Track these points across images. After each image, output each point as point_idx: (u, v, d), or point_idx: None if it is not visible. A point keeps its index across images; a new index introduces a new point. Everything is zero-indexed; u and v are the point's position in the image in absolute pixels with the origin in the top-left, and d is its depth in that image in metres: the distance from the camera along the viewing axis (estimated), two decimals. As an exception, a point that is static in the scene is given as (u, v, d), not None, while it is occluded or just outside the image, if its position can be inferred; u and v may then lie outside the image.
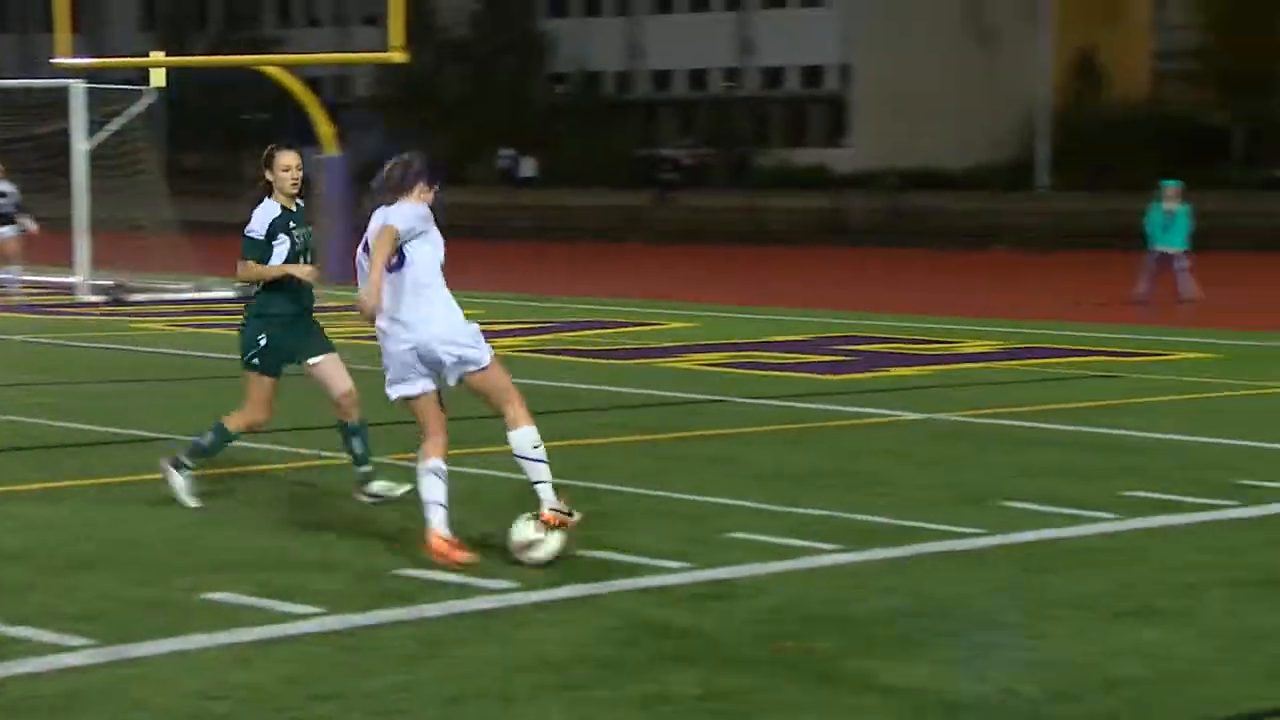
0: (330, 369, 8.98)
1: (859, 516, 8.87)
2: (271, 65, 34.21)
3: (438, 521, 7.69)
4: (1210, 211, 33.51)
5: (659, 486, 9.69)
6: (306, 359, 8.98)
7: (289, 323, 8.88)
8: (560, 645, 6.45)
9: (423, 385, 7.78)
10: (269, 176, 8.86)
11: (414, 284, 7.68)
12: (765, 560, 7.85)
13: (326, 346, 9.03)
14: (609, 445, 11.39)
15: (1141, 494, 9.47)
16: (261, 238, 8.80)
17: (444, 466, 7.77)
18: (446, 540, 7.66)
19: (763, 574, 7.63)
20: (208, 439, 9.06)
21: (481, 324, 8.17)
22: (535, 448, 7.77)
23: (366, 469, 9.07)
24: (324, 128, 30.88)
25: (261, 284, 8.87)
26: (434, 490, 7.73)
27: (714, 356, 17.05)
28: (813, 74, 68.46)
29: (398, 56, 29.44)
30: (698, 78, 70.80)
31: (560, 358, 17.10)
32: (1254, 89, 59.19)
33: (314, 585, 7.37)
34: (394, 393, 7.84)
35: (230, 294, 26.31)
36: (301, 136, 22.74)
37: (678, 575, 7.59)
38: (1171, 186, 24.48)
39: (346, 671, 6.12)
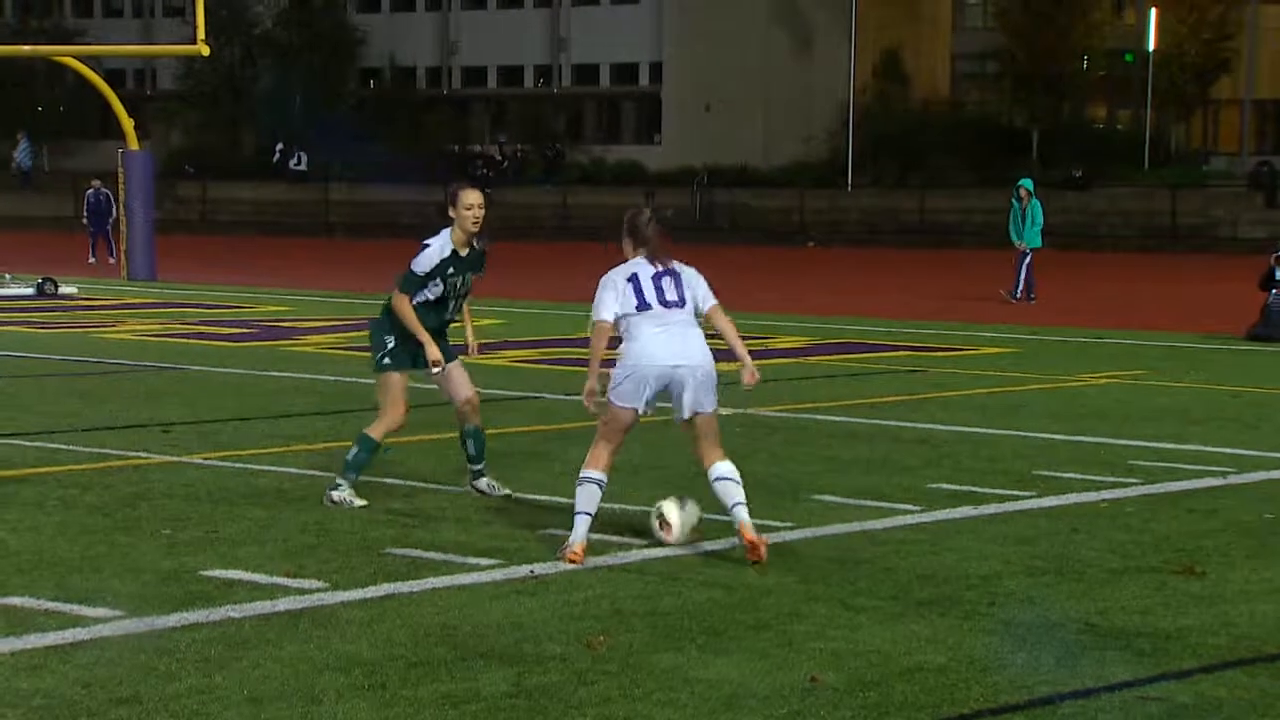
0: (455, 378, 9.12)
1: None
2: (70, 56, 33.37)
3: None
4: (1008, 210, 34.32)
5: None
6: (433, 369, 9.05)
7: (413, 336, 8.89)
8: (370, 644, 6.39)
9: (645, 403, 8.09)
10: (451, 214, 8.92)
11: (691, 320, 8.12)
12: (577, 556, 7.86)
13: (452, 356, 9.14)
14: (420, 443, 11.32)
15: (945, 486, 9.68)
16: (421, 275, 8.85)
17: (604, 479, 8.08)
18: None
19: (575, 570, 7.64)
20: (353, 453, 9.06)
21: (282, 322, 8.05)
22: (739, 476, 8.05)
23: (478, 467, 9.34)
24: (125, 121, 30.17)
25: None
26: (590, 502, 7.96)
27: (526, 353, 17.04)
28: (626, 71, 68.82)
29: (202, 50, 28.91)
30: (511, 74, 70.76)
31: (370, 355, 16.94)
32: (1048, 91, 60.92)
33: (115, 588, 7.20)
34: (622, 400, 8.08)
35: (29, 291, 25.54)
36: (104, 129, 22.19)
37: (490, 572, 7.57)
38: (1024, 186, 25.17)
39: (146, 675, 5.99)
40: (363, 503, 8.97)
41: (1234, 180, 53.40)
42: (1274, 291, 18.94)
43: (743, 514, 7.91)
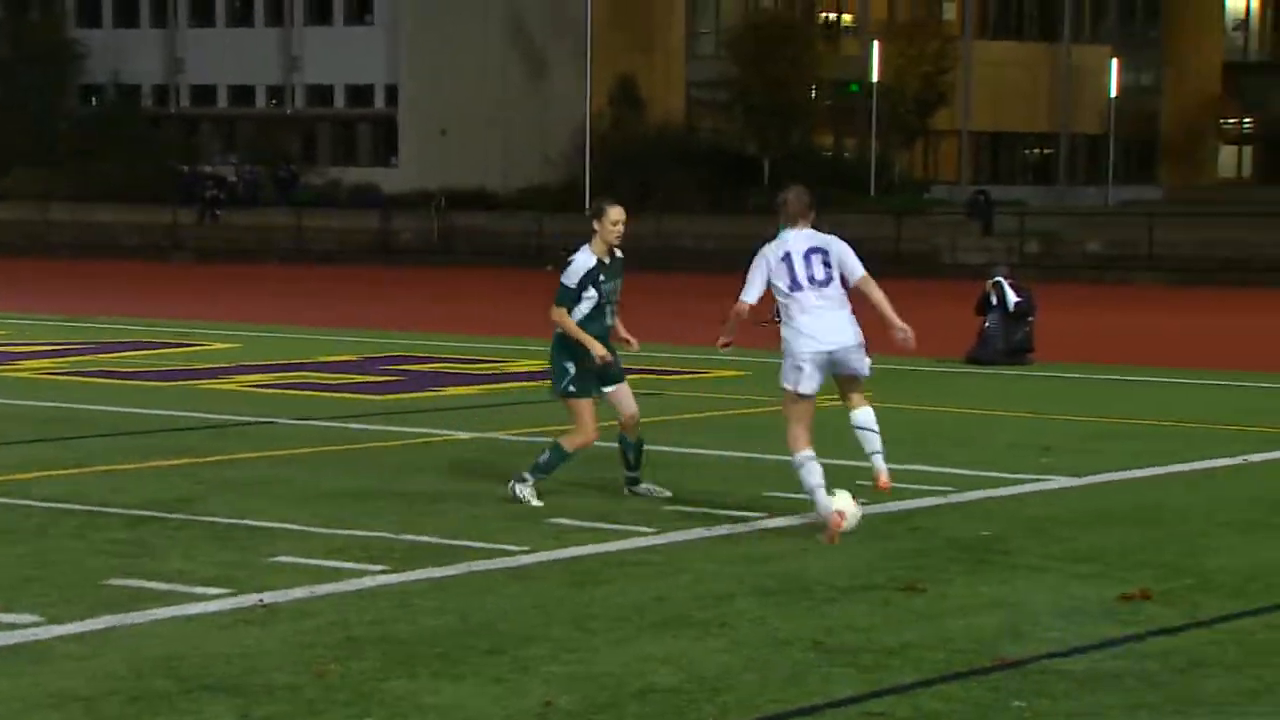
0: (622, 395, 9.89)
1: (407, 537, 8.85)
2: None
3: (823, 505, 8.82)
4: (742, 234, 35.02)
5: (201, 511, 9.43)
6: (603, 387, 9.78)
7: (589, 356, 9.60)
8: (88, 679, 6.18)
9: (818, 383, 9.04)
10: (596, 228, 9.62)
11: (839, 297, 9.04)
12: (310, 583, 7.74)
13: (620, 377, 9.90)
14: (147, 469, 11.00)
15: (679, 508, 9.79)
16: (573, 287, 9.53)
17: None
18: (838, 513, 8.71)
19: (306, 597, 7.52)
20: (544, 457, 9.77)
21: (9, 346, 7.75)
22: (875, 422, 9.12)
23: (635, 474, 10.12)
24: None
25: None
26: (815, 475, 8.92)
27: (259, 378, 16.70)
28: (361, 93, 68.21)
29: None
30: (242, 93, 69.42)
31: (98, 380, 16.41)
32: (778, 119, 62.48)
33: None
34: (797, 387, 9.04)
35: None
36: None
37: (217, 602, 7.40)
38: None
39: None
40: (540, 503, 9.54)
41: (953, 208, 55.43)
42: (990, 316, 19.64)
43: (879, 462, 9.01)
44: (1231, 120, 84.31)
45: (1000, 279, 20.00)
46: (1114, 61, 71.42)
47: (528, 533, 9.00)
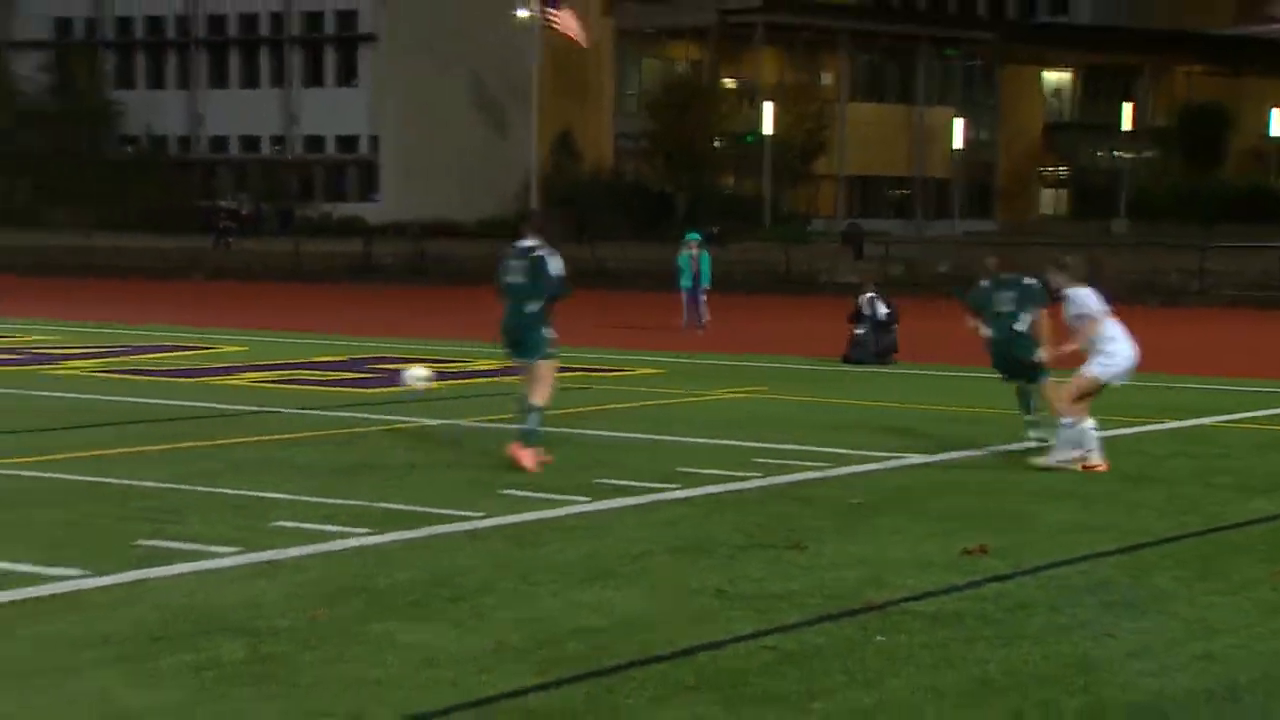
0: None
1: (384, 505, 8.79)
2: None
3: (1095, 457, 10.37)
4: (660, 259, 35.10)
5: (215, 484, 9.33)
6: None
7: None
8: (121, 623, 6.10)
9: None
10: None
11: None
12: (305, 543, 7.68)
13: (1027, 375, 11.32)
14: (170, 451, 10.87)
15: (608, 482, 9.79)
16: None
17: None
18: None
19: (302, 555, 7.46)
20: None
21: (58, 349, 7.62)
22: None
23: (1031, 418, 11.39)
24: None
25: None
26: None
27: (264, 375, 16.53)
28: (348, 141, 68.15)
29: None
30: (250, 142, 69.37)
31: (130, 376, 16.19)
32: (690, 165, 62.82)
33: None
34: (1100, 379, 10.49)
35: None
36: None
37: (229, 559, 7.32)
38: (694, 239, 25.46)
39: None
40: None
41: (831, 238, 55.72)
42: (862, 325, 19.77)
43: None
44: (1050, 168, 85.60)
45: (871, 295, 20.14)
46: (958, 121, 72.25)
47: (483, 501, 8.96)
